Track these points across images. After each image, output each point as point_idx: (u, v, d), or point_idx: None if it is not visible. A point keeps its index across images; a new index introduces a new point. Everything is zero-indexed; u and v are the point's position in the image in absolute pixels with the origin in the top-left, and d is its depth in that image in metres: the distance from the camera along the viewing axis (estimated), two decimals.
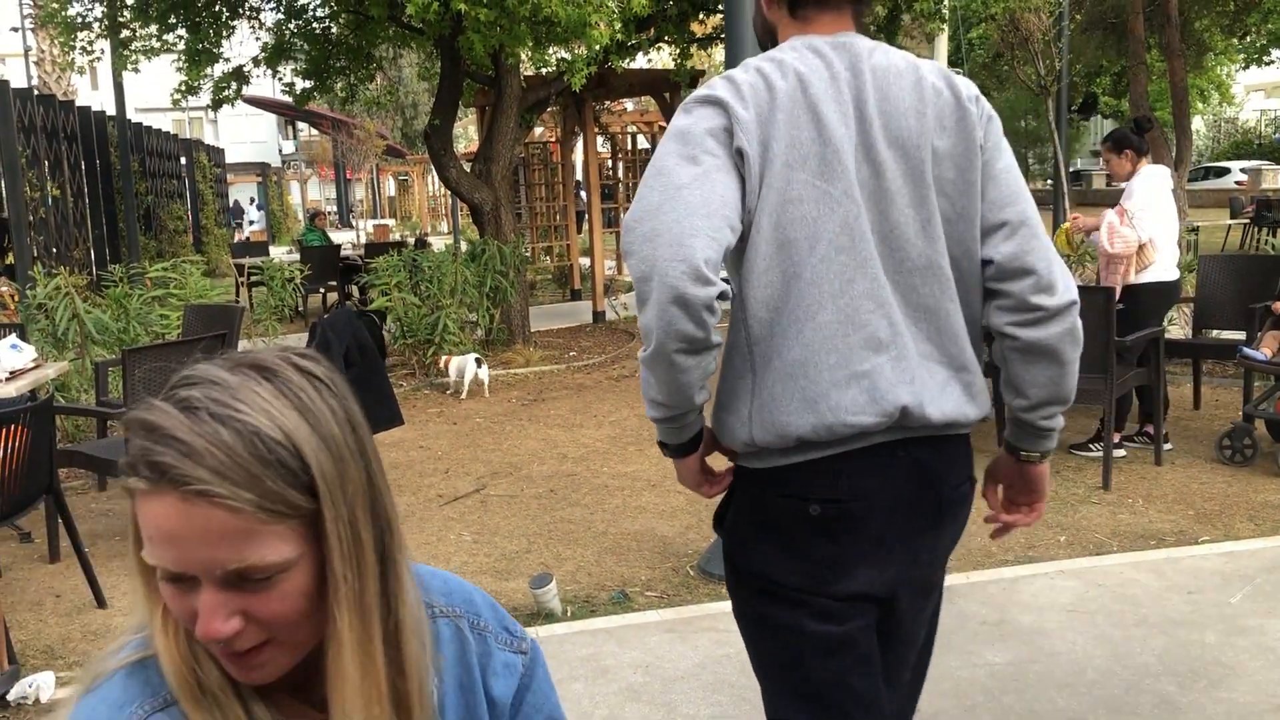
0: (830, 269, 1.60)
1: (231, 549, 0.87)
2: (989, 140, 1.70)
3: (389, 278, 8.71)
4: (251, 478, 0.86)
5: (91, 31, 9.99)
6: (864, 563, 1.66)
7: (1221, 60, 26.43)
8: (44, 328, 6.93)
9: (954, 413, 1.66)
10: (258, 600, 0.90)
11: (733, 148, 1.59)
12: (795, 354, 1.61)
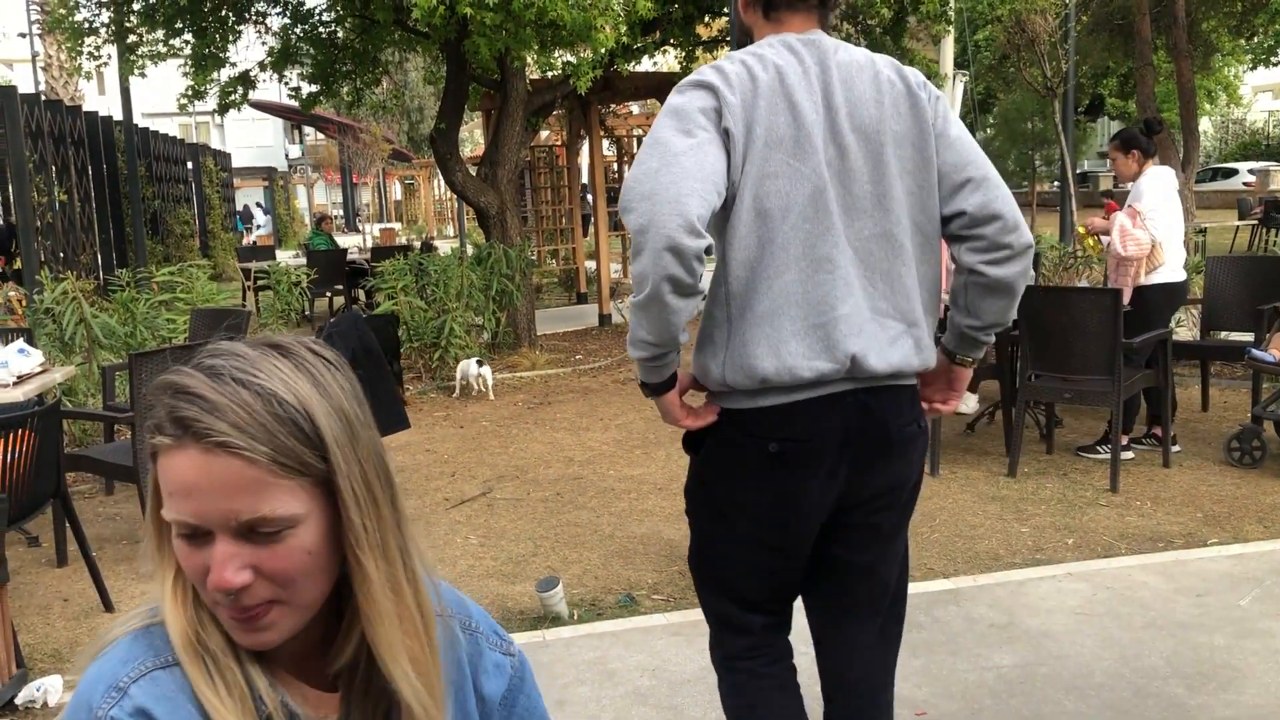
0: (798, 235, 1.87)
1: (247, 499, 0.93)
2: (939, 117, 1.98)
3: (395, 281, 8.73)
4: (268, 433, 0.93)
5: (98, 37, 10.02)
6: (815, 490, 1.95)
7: (1229, 61, 26.37)
8: (51, 332, 6.95)
9: (900, 363, 1.94)
10: (267, 554, 0.95)
11: (721, 127, 1.84)
12: (765, 306, 1.89)
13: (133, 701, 0.95)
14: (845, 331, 1.88)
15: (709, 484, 2.06)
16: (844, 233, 1.90)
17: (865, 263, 1.92)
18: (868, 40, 11.04)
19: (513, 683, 1.19)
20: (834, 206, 1.89)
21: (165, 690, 0.97)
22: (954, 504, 5.04)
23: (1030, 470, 5.50)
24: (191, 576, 0.98)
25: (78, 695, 0.98)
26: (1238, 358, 6.04)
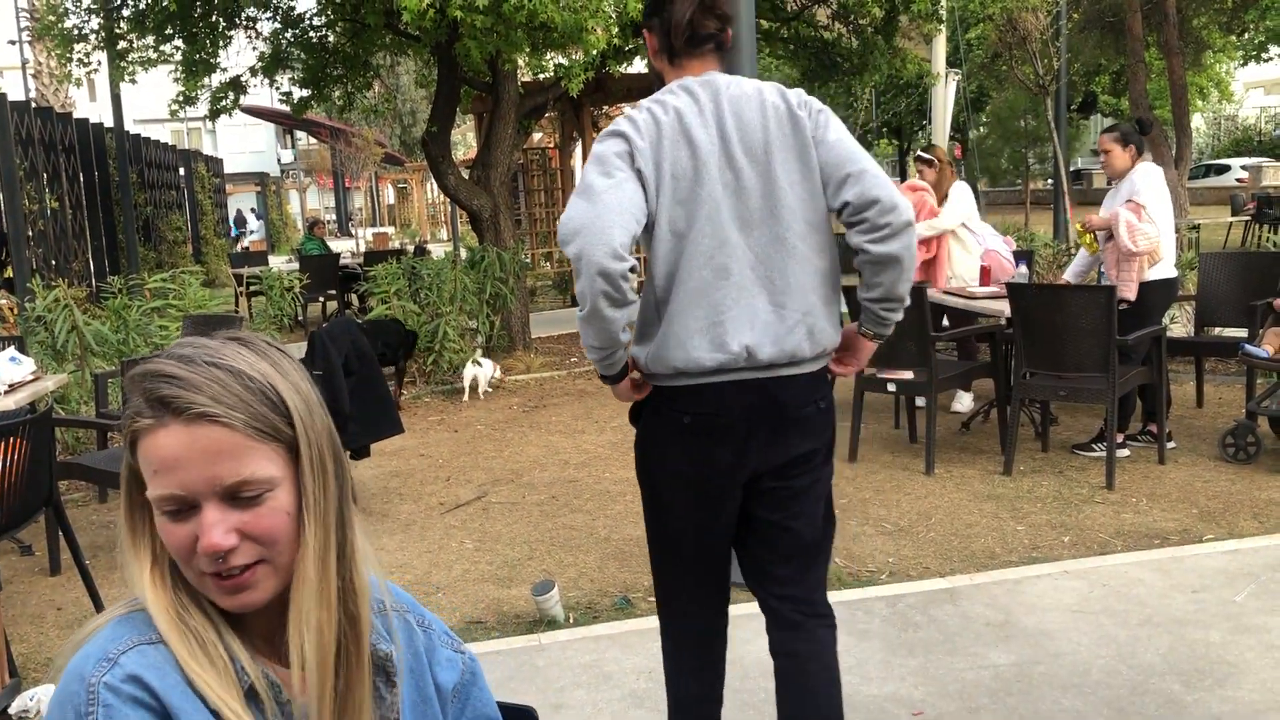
0: (700, 248, 2.27)
1: (230, 464, 1.02)
2: (817, 126, 2.30)
3: (388, 286, 8.71)
4: (241, 402, 1.03)
5: (88, 43, 9.99)
6: (726, 457, 2.33)
7: (1220, 58, 26.41)
8: (43, 340, 6.93)
9: (793, 350, 2.30)
10: (251, 516, 1.04)
11: (634, 167, 2.24)
12: (677, 309, 2.29)
13: (124, 670, 1.01)
14: (736, 329, 2.27)
15: (645, 449, 2.48)
16: (742, 243, 2.28)
17: (765, 265, 2.29)
18: (860, 40, 11.05)
19: (465, 677, 1.27)
20: (730, 223, 2.28)
21: (153, 661, 1.02)
22: (949, 503, 5.03)
23: (1026, 468, 5.50)
24: (178, 552, 1.04)
25: (66, 674, 1.02)
26: (1232, 353, 6.05)
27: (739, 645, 3.59)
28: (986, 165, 24.33)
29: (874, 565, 4.31)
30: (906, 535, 4.63)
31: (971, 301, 6.27)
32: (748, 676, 3.39)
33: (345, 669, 1.10)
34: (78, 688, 1.00)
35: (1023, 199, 20.08)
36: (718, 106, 2.30)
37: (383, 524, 5.20)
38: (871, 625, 3.72)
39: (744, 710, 3.18)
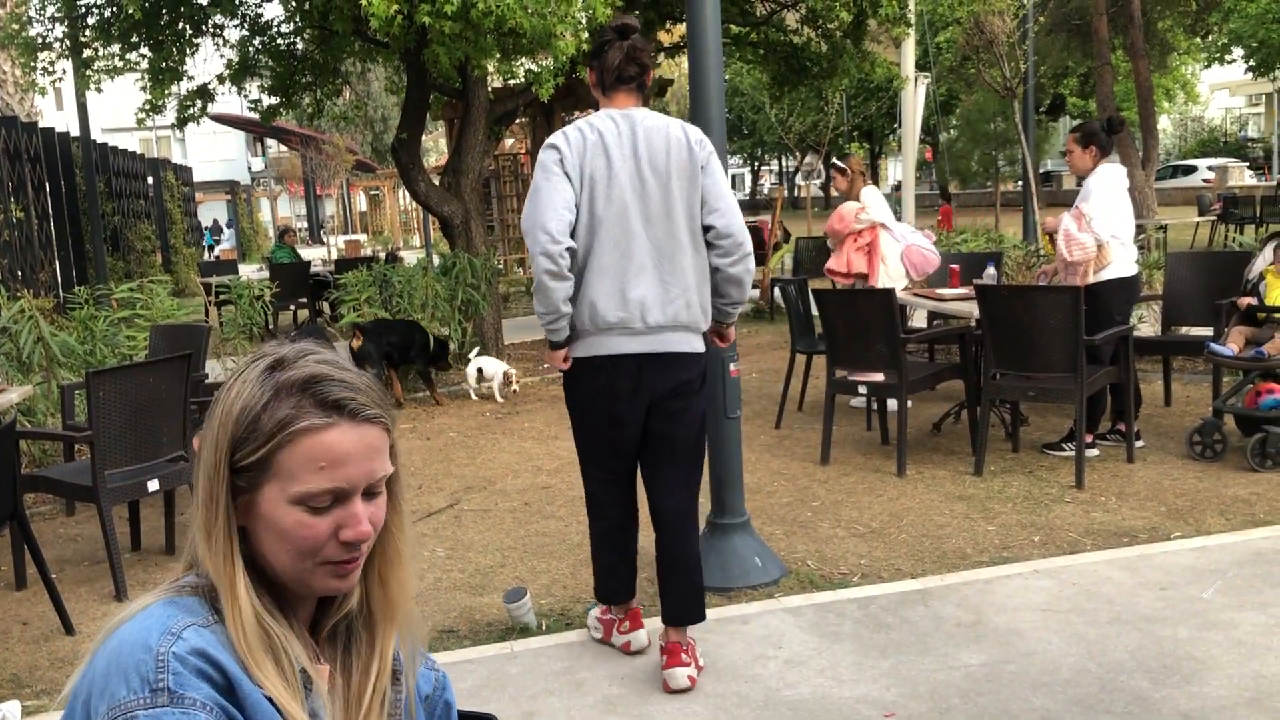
0: (610, 234, 3.16)
1: (381, 460, 1.16)
2: (706, 161, 3.22)
3: (359, 293, 8.67)
4: (384, 406, 1.17)
5: (53, 52, 9.88)
6: (626, 387, 3.27)
7: (1185, 59, 26.70)
8: (9, 351, 6.84)
9: (674, 315, 3.23)
10: (374, 507, 1.17)
11: (564, 170, 3.13)
12: (592, 279, 3.18)
13: (188, 644, 1.05)
14: (636, 295, 3.18)
15: (570, 388, 3.40)
16: (644, 233, 3.18)
17: (658, 253, 3.20)
18: (829, 44, 11.09)
19: (436, 690, 1.38)
20: (635, 218, 3.17)
21: (210, 640, 1.07)
22: (921, 504, 5.05)
23: (996, 469, 5.53)
24: (311, 544, 1.13)
25: (122, 645, 1.05)
26: (1198, 352, 6.11)
27: (713, 649, 3.60)
28: (957, 168, 24.48)
29: (846, 567, 4.32)
30: (878, 537, 4.65)
31: (941, 304, 6.31)
32: (721, 680, 3.39)
33: None
34: (144, 656, 1.02)
35: (993, 201, 20.20)
36: (633, 133, 3.17)
37: None
38: (843, 627, 3.73)
39: (716, 714, 3.18)
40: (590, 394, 3.34)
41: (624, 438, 3.37)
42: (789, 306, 7.07)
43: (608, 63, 3.22)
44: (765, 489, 5.41)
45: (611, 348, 3.23)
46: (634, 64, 3.23)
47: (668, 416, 3.33)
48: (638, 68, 3.24)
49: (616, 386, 3.28)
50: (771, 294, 11.79)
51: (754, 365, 8.80)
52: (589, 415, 3.39)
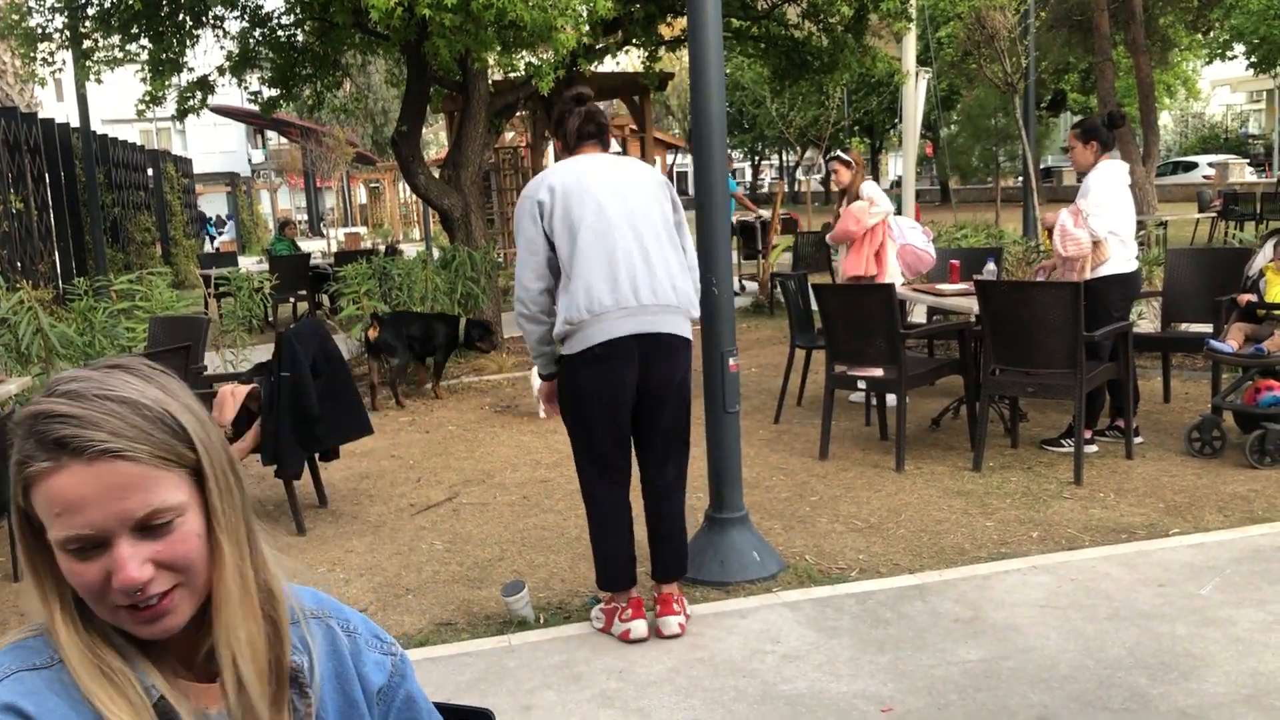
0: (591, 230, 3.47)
1: (139, 497, 1.01)
2: (674, 197, 3.68)
3: (358, 286, 8.66)
4: (142, 433, 1.01)
5: (52, 42, 9.85)
6: (624, 381, 3.50)
7: (1187, 55, 26.67)
8: (7, 342, 6.84)
9: (664, 299, 3.52)
10: (164, 545, 1.03)
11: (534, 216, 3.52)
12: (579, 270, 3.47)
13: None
14: (624, 275, 3.45)
15: (568, 386, 3.58)
16: (624, 225, 3.48)
17: (640, 242, 3.51)
18: (830, 38, 11.06)
19: (393, 679, 1.24)
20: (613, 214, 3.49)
21: (31, 687, 1.01)
22: (919, 499, 5.05)
23: (995, 464, 5.53)
24: (88, 590, 1.02)
25: None
26: (1198, 349, 6.10)
27: (710, 643, 3.60)
28: (957, 163, 24.47)
29: (844, 562, 4.32)
30: (877, 532, 4.65)
31: (941, 299, 6.31)
32: (718, 674, 3.39)
33: (274, 679, 1.10)
34: None
35: (993, 196, 20.20)
36: (603, 167, 3.58)
37: (352, 525, 5.16)
38: (841, 622, 3.73)
39: (713, 708, 3.18)
40: (590, 387, 3.52)
41: (622, 430, 3.59)
42: (789, 301, 7.06)
43: (569, 128, 3.64)
44: (764, 484, 5.41)
45: (609, 331, 3.44)
46: (592, 123, 3.65)
47: (661, 404, 3.59)
48: (596, 126, 3.66)
49: (615, 375, 3.48)
50: (771, 289, 11.78)
51: (753, 360, 8.80)
52: (588, 410, 3.56)
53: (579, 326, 3.47)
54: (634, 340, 3.47)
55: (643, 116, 13.99)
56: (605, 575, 3.73)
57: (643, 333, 3.48)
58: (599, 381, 3.51)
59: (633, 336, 3.46)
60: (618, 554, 3.70)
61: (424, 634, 3.86)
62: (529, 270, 3.54)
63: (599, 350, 3.46)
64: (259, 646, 1.08)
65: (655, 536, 3.74)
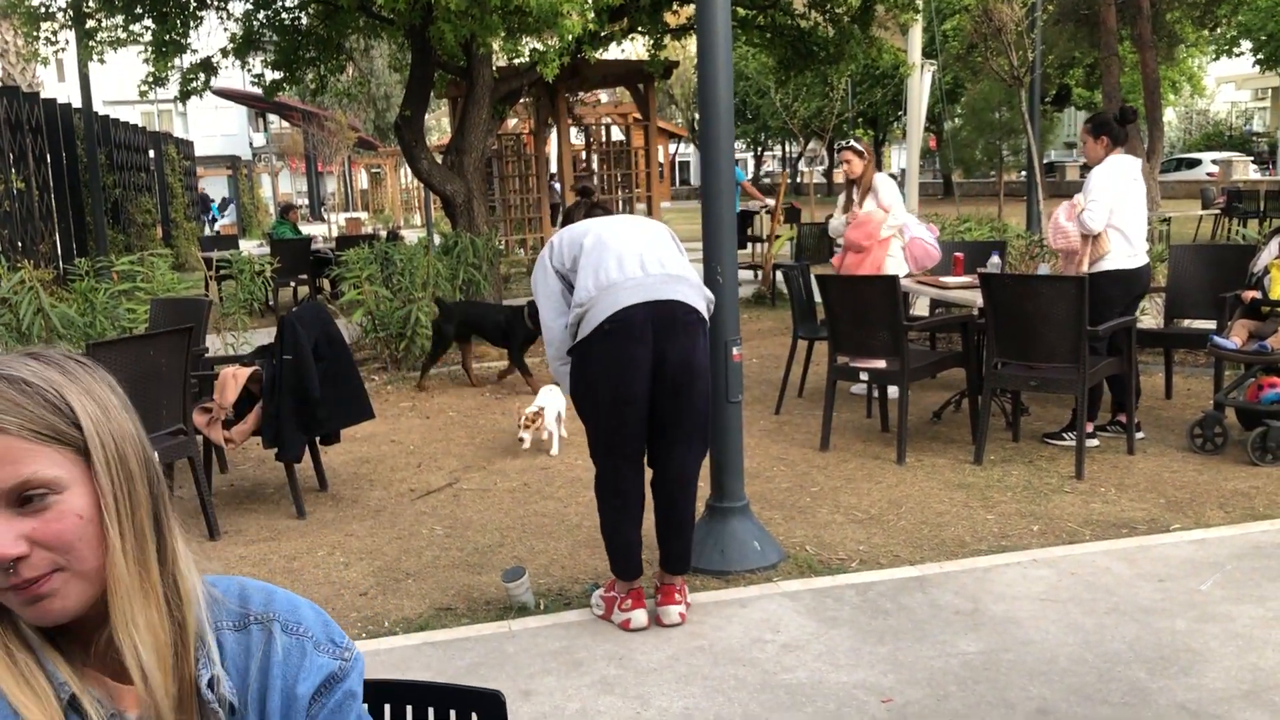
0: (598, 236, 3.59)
1: (6, 467, 0.99)
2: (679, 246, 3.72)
3: (360, 271, 8.64)
4: (16, 406, 1.00)
5: (55, 22, 9.83)
6: (637, 359, 3.44)
7: (1193, 52, 26.61)
8: (8, 322, 6.83)
9: (674, 271, 3.55)
10: (39, 522, 1.00)
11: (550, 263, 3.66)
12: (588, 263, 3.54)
13: None
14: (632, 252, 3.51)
15: (580, 371, 3.55)
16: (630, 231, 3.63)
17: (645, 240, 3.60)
18: (836, 29, 11.03)
19: (326, 681, 1.16)
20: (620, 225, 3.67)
21: None
22: (920, 491, 5.05)
23: (996, 458, 5.52)
24: None
25: None
26: (1201, 345, 6.10)
27: (710, 632, 3.60)
28: (961, 156, 24.42)
29: (844, 553, 4.32)
30: (877, 523, 4.65)
31: (944, 291, 6.30)
32: (718, 663, 3.39)
33: (179, 677, 1.07)
34: None
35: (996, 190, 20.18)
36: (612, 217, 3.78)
37: (352, 510, 5.16)
38: (841, 613, 3.73)
39: (712, 696, 3.18)
40: (603, 366, 3.46)
41: (640, 412, 3.52)
42: (791, 292, 7.05)
43: (576, 216, 3.89)
44: (765, 474, 5.41)
45: (618, 302, 3.41)
46: (599, 208, 3.95)
47: (680, 389, 3.50)
48: (602, 210, 3.94)
49: (627, 352, 3.42)
50: (773, 280, 11.77)
51: (754, 351, 8.79)
52: (602, 392, 3.50)
53: (588, 305, 3.44)
54: (644, 311, 3.40)
55: (646, 105, 13.94)
56: (621, 564, 3.71)
57: (653, 299, 3.42)
58: (610, 359, 3.45)
59: (642, 306, 3.40)
60: (633, 542, 3.69)
61: (424, 618, 3.86)
62: (549, 311, 3.63)
63: (608, 325, 3.41)
64: (161, 636, 1.04)
65: (667, 528, 3.72)
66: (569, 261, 3.59)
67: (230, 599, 1.15)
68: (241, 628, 1.14)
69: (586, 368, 3.51)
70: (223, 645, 1.12)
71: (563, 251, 3.62)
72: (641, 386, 3.47)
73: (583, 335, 3.48)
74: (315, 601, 1.21)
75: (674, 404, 3.53)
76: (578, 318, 3.49)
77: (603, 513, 3.72)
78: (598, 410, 3.56)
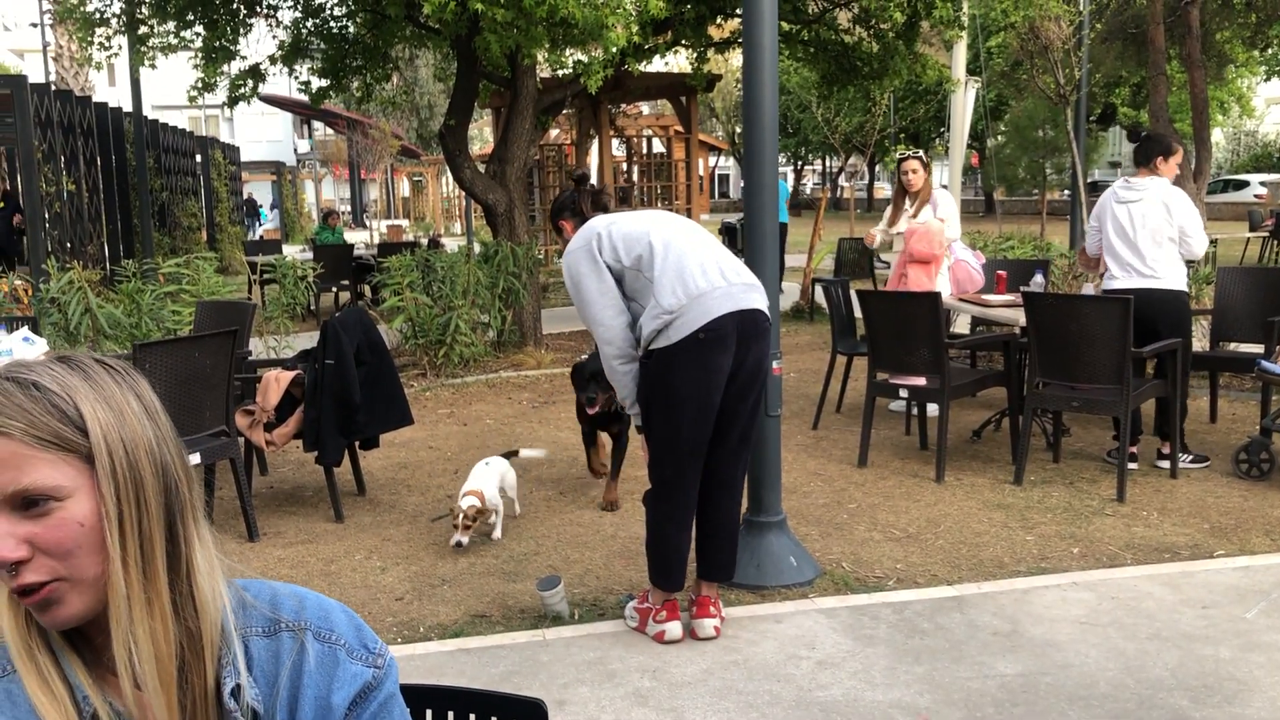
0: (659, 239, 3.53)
1: (8, 473, 0.99)
2: None
3: (401, 278, 8.71)
4: (21, 410, 1.00)
5: (109, 27, 10.00)
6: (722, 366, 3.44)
7: (1242, 72, 26.28)
8: (57, 321, 6.94)
9: (749, 279, 3.56)
10: (41, 529, 1.00)
11: (597, 258, 3.57)
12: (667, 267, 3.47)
13: None
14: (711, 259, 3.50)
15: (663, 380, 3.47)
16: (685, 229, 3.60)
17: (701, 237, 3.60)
18: (880, 44, 11.00)
19: (362, 691, 1.15)
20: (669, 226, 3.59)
21: None
22: (959, 510, 5.00)
23: (1036, 479, 5.46)
24: None
25: None
26: (1247, 369, 6.01)
27: (745, 647, 3.59)
28: (1003, 174, 24.25)
29: (881, 571, 4.29)
30: (915, 542, 4.61)
31: (987, 310, 6.25)
32: (753, 678, 3.37)
33: (189, 687, 1.05)
34: None
35: (1039, 209, 20.00)
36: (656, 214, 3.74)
37: (390, 514, 5.19)
38: (878, 631, 3.70)
39: (747, 712, 3.16)
40: (690, 375, 3.42)
41: (711, 420, 3.51)
42: (831, 307, 7.02)
43: (581, 205, 3.86)
44: (802, 489, 5.38)
45: (710, 310, 3.38)
46: (604, 195, 3.92)
47: (747, 391, 3.53)
48: (607, 196, 3.93)
49: (716, 361, 3.41)
50: (812, 294, 11.73)
51: (792, 365, 8.76)
52: (685, 402, 3.45)
53: (679, 313, 3.39)
54: (733, 321, 3.41)
55: (689, 118, 13.97)
56: (665, 575, 3.67)
57: (740, 309, 3.43)
58: (700, 369, 3.42)
59: (731, 315, 3.40)
60: (684, 551, 3.66)
61: (458, 625, 3.87)
62: (608, 309, 3.52)
63: (702, 334, 3.38)
64: (163, 647, 1.03)
65: (713, 534, 3.69)
66: (629, 259, 3.51)
67: (261, 603, 1.15)
68: (272, 634, 1.13)
69: (671, 374, 3.45)
70: (251, 652, 1.11)
71: (616, 248, 3.53)
72: (720, 394, 3.47)
73: (669, 342, 3.42)
74: (351, 606, 1.19)
75: (741, 408, 3.54)
76: (664, 324, 3.41)
77: (657, 521, 3.66)
78: (677, 416, 3.48)
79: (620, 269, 3.53)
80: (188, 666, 1.05)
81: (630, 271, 3.51)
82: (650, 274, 3.45)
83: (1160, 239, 5.42)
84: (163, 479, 1.06)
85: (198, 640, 1.06)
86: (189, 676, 1.05)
